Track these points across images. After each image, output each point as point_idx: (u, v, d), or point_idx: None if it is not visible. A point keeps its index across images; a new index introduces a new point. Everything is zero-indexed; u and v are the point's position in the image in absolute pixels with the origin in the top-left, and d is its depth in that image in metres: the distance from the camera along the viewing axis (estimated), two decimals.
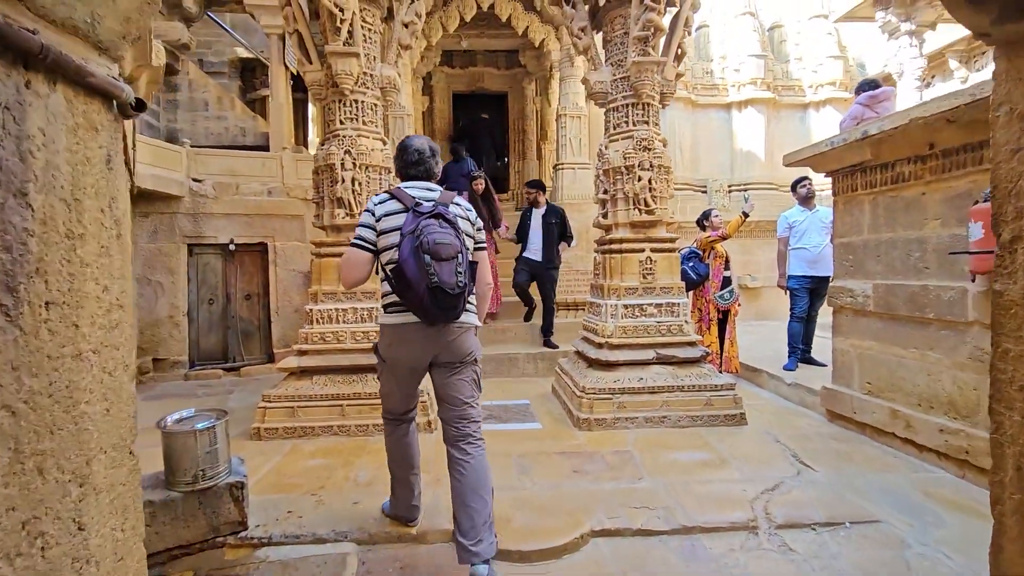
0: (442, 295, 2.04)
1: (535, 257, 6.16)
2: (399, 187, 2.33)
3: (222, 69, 9.07)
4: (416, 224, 2.08)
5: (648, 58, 4.55)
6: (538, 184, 6.39)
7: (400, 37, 4.81)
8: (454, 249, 2.09)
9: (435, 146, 2.50)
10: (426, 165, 2.40)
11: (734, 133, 10.04)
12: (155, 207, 6.00)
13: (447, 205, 2.26)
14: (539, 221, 6.18)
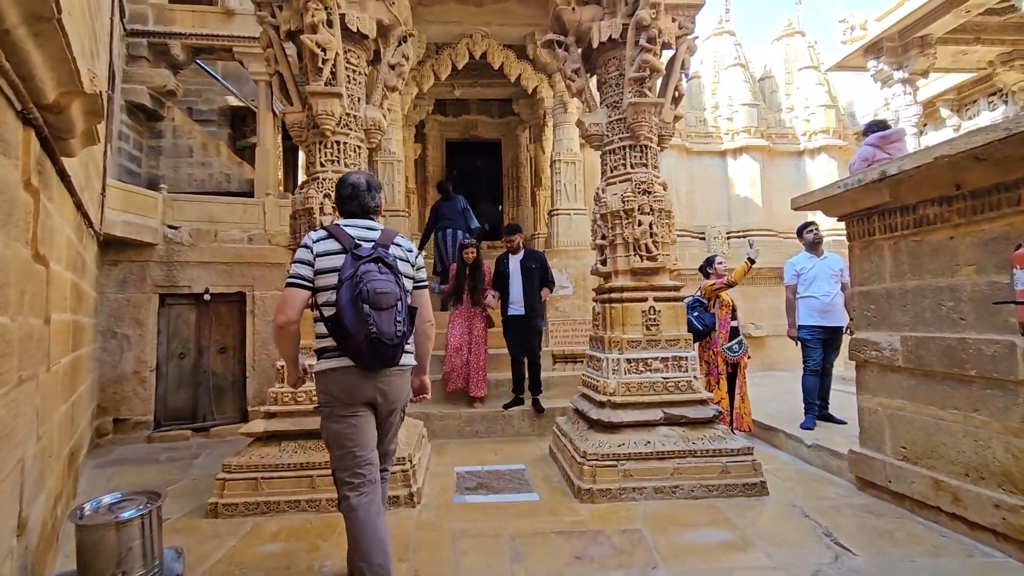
0: (380, 345, 2.03)
1: (518, 311, 5.56)
2: (337, 224, 2.27)
3: (211, 117, 8.96)
4: (355, 269, 2.05)
5: (645, 99, 4.36)
6: (514, 228, 5.88)
7: (386, 79, 4.62)
8: (394, 297, 2.07)
9: (375, 181, 2.45)
10: (360, 200, 2.34)
11: (730, 180, 9.94)
12: (125, 255, 5.65)
13: (387, 246, 2.23)
14: (517, 267, 5.62)
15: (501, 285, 5.66)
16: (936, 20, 7.35)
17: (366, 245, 2.17)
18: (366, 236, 2.25)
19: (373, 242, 2.21)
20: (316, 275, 2.16)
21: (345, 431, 2.20)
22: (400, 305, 2.09)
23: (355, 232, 2.24)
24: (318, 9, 4.03)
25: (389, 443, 2.46)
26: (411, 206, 8.89)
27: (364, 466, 2.20)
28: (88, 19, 3.62)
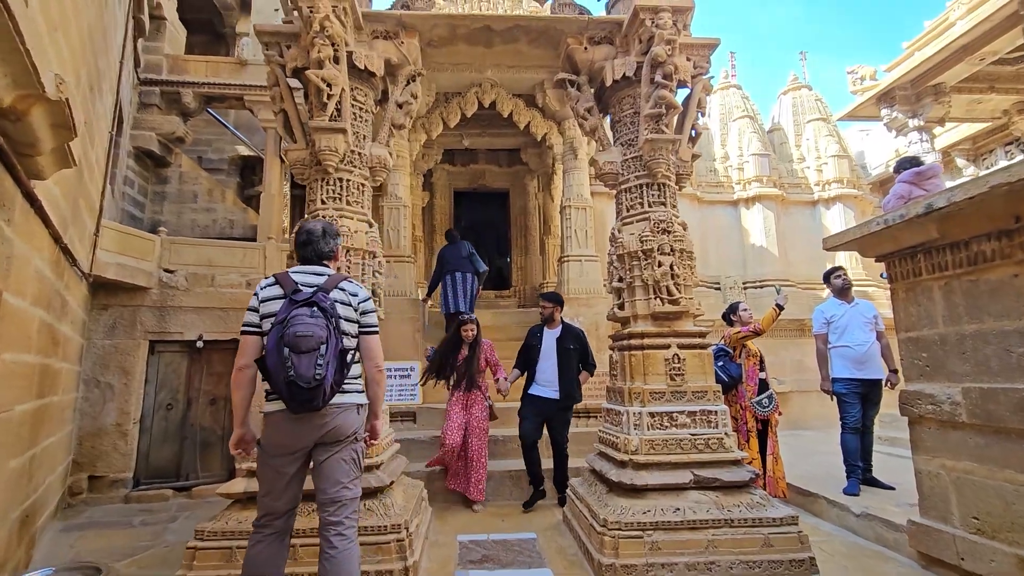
0: (297, 389, 2.01)
1: (548, 393, 4.66)
2: (286, 271, 2.32)
3: (221, 166, 8.96)
4: (287, 314, 2.08)
5: (663, 135, 4.17)
6: (556, 299, 4.94)
7: (394, 117, 4.48)
8: (316, 340, 2.05)
9: (331, 228, 2.50)
10: (314, 246, 2.39)
11: (744, 229, 9.73)
12: (117, 299, 5.40)
13: (328, 291, 2.24)
14: (553, 345, 4.74)
15: (527, 361, 4.85)
16: (948, 69, 7.30)
17: (306, 290, 2.21)
18: (310, 281, 2.28)
19: (316, 287, 2.24)
20: (262, 320, 2.22)
21: (266, 475, 2.27)
22: (325, 348, 2.07)
23: (300, 278, 2.29)
24: (325, 45, 3.93)
25: (339, 489, 2.28)
26: (417, 253, 8.69)
27: (267, 516, 2.25)
28: (86, 48, 3.52)
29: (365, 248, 4.12)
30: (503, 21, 4.56)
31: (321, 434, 2.22)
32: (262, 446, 2.30)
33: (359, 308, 2.35)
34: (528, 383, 4.81)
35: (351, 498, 2.30)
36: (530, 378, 4.81)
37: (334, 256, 2.48)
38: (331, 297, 2.23)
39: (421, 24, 4.43)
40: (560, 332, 4.83)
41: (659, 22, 4.17)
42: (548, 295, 5.01)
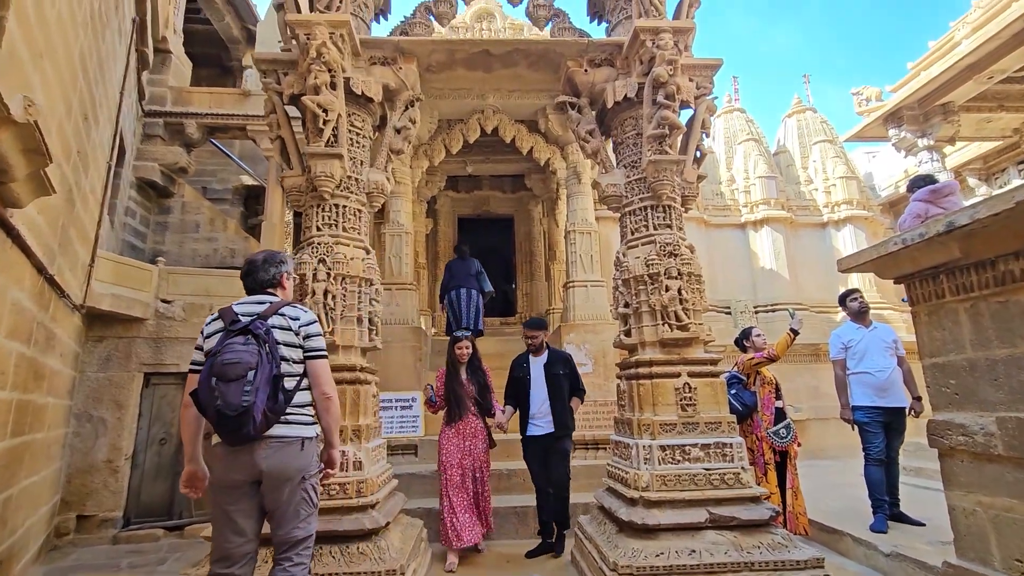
0: (223, 418, 1.94)
1: (541, 428, 4.29)
2: (230, 305, 2.27)
3: (225, 195, 8.98)
4: (220, 345, 2.04)
5: (666, 156, 4.06)
6: (541, 325, 4.61)
7: (392, 142, 4.41)
8: (244, 367, 1.98)
9: (275, 256, 2.46)
10: (254, 276, 2.36)
11: (753, 253, 9.56)
12: (112, 331, 5.29)
13: (267, 317, 2.18)
14: (541, 373, 4.38)
15: (517, 395, 4.44)
16: (956, 88, 7.21)
17: (245, 320, 2.16)
18: (250, 311, 2.24)
19: (254, 315, 2.19)
20: (206, 356, 2.13)
21: (214, 514, 2.16)
22: (254, 374, 1.99)
23: (242, 308, 2.26)
24: (321, 72, 3.89)
25: (289, 529, 2.17)
26: (420, 281, 8.59)
27: (221, 561, 2.10)
28: (79, 77, 3.47)
29: (361, 275, 4.00)
30: (502, 45, 4.52)
31: (261, 469, 2.11)
32: (211, 484, 2.23)
33: (301, 332, 2.27)
34: (523, 423, 4.37)
35: (303, 537, 2.21)
36: (523, 416, 4.37)
37: (279, 284, 2.43)
38: (268, 323, 2.18)
39: (419, 49, 4.39)
40: (547, 358, 4.46)
41: (660, 43, 4.10)
42: (532, 323, 4.63)
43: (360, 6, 4.54)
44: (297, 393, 2.21)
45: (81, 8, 3.29)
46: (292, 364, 2.23)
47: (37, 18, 2.45)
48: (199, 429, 2.25)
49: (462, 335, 4.55)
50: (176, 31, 7.56)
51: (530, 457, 4.38)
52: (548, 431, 4.24)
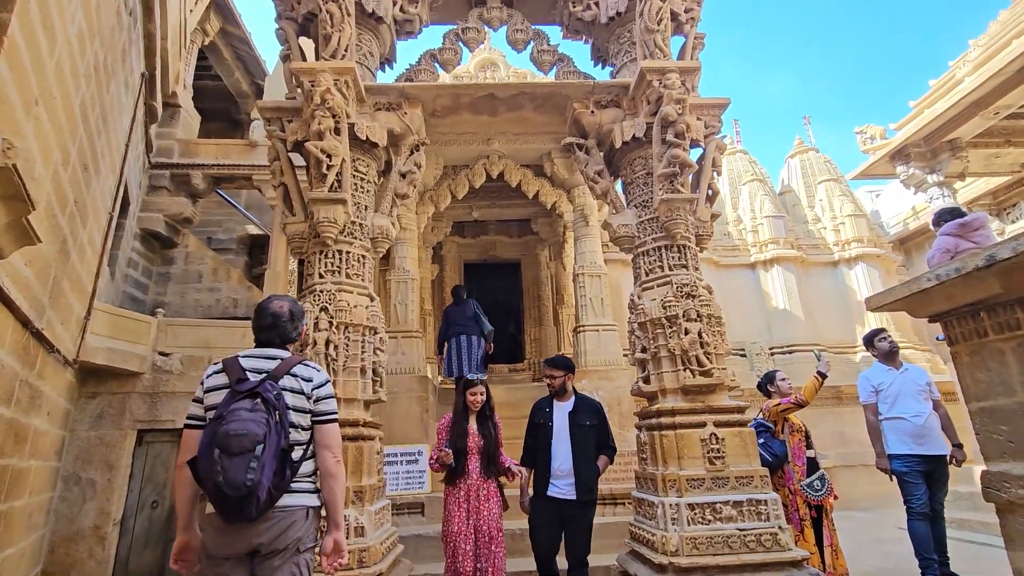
0: (224, 498, 1.73)
1: (563, 492, 3.40)
2: (236, 356, 2.05)
3: (230, 245, 8.93)
4: (225, 408, 1.84)
5: (679, 195, 3.95)
6: (566, 364, 3.73)
7: (397, 186, 4.33)
8: (251, 440, 1.78)
9: (298, 309, 2.24)
10: (281, 330, 2.14)
11: (765, 293, 9.37)
12: (106, 386, 5.09)
13: (278, 378, 1.97)
14: (565, 423, 3.53)
15: (536, 447, 3.62)
16: (962, 124, 7.17)
17: (253, 378, 1.95)
18: (260, 367, 2.02)
19: (265, 374, 1.97)
20: (206, 412, 1.95)
21: None
22: (262, 448, 1.78)
23: (250, 363, 2.03)
24: (325, 117, 3.85)
25: None
26: (427, 327, 8.39)
27: None
28: (79, 127, 3.40)
29: (365, 324, 3.82)
30: (507, 88, 4.50)
31: (258, 541, 1.90)
32: (200, 557, 2.01)
33: (313, 395, 2.06)
34: (540, 479, 3.54)
35: None
36: (540, 472, 3.55)
37: (300, 339, 2.23)
38: (280, 385, 1.97)
39: (424, 94, 4.37)
40: (573, 405, 3.62)
41: (667, 82, 4.06)
42: (555, 361, 3.77)
43: (365, 55, 4.56)
44: (303, 463, 2.01)
45: (84, 59, 3.28)
46: (300, 432, 2.02)
47: (33, 65, 2.40)
48: (195, 494, 2.01)
49: (475, 378, 3.83)
50: (186, 86, 7.71)
51: (540, 522, 3.49)
52: (570, 496, 3.38)
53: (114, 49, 4.11)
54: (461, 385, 3.85)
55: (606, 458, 3.54)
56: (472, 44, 4.85)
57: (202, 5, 7.44)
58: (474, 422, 3.69)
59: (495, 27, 4.86)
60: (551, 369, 3.71)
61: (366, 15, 4.46)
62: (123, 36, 4.33)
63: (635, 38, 4.50)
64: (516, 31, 4.79)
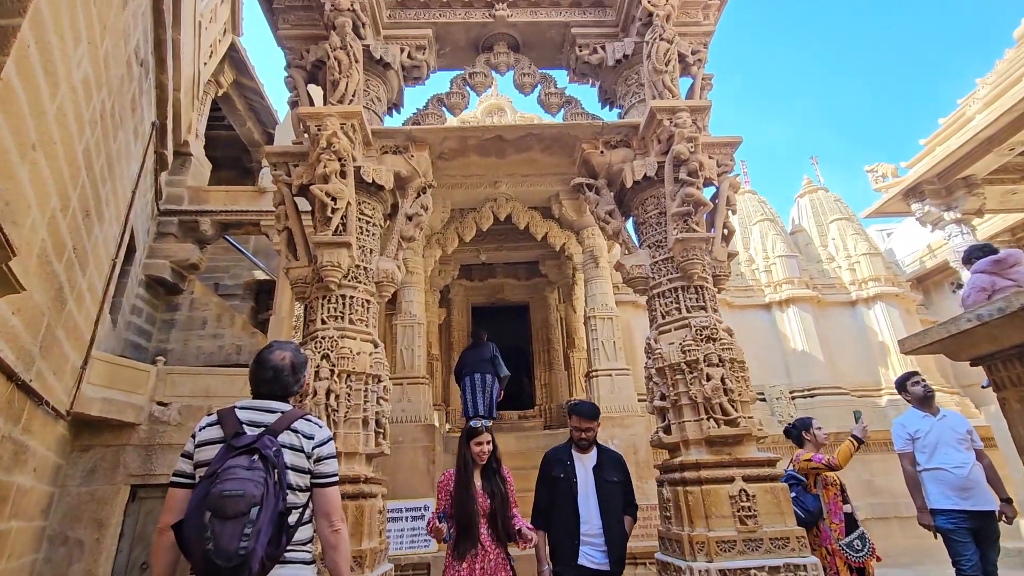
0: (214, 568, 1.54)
1: (596, 561, 2.95)
2: (232, 407, 1.88)
3: (236, 291, 8.87)
4: (219, 465, 1.67)
5: (694, 234, 3.81)
6: (590, 411, 3.23)
7: (403, 229, 4.23)
8: (248, 502, 1.61)
9: (301, 358, 2.05)
10: (283, 383, 1.96)
11: (781, 334, 9.09)
12: (100, 438, 4.89)
13: (277, 433, 1.80)
14: (589, 479, 3.09)
15: (554, 506, 3.09)
16: (976, 161, 7.10)
17: (251, 432, 1.78)
18: (258, 420, 1.85)
19: (263, 427, 1.80)
20: (196, 469, 1.78)
21: None
22: (257, 512, 1.61)
23: (247, 415, 1.86)
24: (331, 160, 3.79)
25: None
26: (434, 373, 8.17)
27: None
28: (81, 174, 3.33)
29: (368, 372, 3.64)
30: (515, 131, 4.46)
31: None
32: None
33: (314, 454, 1.88)
34: (559, 545, 3.01)
35: None
36: (563, 536, 3.02)
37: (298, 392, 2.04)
38: (279, 441, 1.79)
39: (431, 137, 4.33)
40: (596, 458, 3.18)
41: (677, 121, 4.00)
42: (585, 409, 3.24)
43: (373, 100, 4.56)
44: (299, 528, 1.82)
45: (89, 106, 3.27)
46: (298, 494, 1.84)
47: (32, 110, 2.35)
48: (175, 561, 1.81)
49: (480, 425, 3.21)
50: (198, 135, 7.82)
51: None
52: (603, 566, 2.92)
53: (123, 98, 4.13)
54: (463, 434, 3.20)
55: (631, 519, 3.17)
56: (479, 88, 4.85)
57: (216, 58, 7.64)
58: (479, 477, 3.08)
59: (502, 72, 4.88)
60: (585, 420, 3.17)
61: (374, 61, 4.48)
62: (133, 86, 4.37)
63: (643, 80, 4.48)
64: (523, 75, 4.80)
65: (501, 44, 4.85)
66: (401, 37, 4.66)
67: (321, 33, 4.43)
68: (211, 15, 6.91)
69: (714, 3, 4.88)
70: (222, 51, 7.83)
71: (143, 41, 4.46)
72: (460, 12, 4.74)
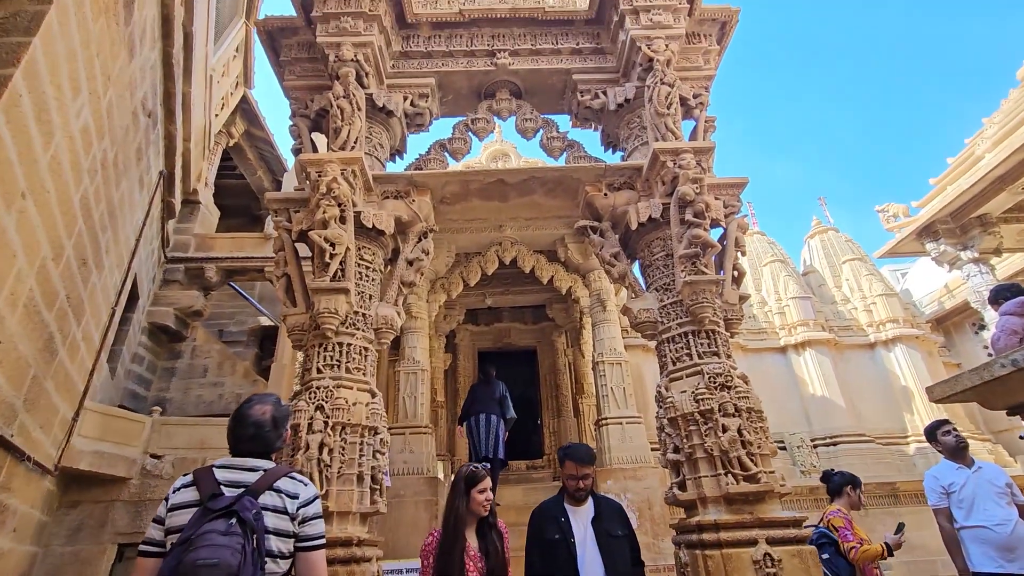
0: None
1: None
2: (211, 466, 1.77)
3: (240, 338, 8.80)
4: (194, 530, 1.56)
5: (703, 276, 3.67)
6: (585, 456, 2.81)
7: (403, 274, 4.14)
8: (224, 571, 1.49)
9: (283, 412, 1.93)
10: (264, 439, 1.84)
11: (799, 378, 8.77)
12: (89, 494, 4.71)
13: (258, 493, 1.68)
14: (590, 536, 2.69)
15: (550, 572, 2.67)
16: (990, 200, 6.98)
17: (229, 493, 1.66)
18: (238, 480, 1.73)
19: (243, 488, 1.68)
20: (167, 536, 1.66)
21: None
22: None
23: (227, 475, 1.74)
24: (331, 206, 3.75)
25: None
26: (439, 421, 7.94)
27: None
28: (78, 222, 3.30)
29: (364, 423, 3.47)
30: (517, 174, 4.42)
31: None
32: None
33: (299, 515, 1.74)
34: None
35: None
36: None
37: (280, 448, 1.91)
38: (260, 502, 1.67)
39: (432, 181, 4.30)
40: (594, 510, 2.76)
41: (681, 162, 3.94)
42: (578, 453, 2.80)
43: (375, 147, 4.57)
44: None
45: (89, 155, 3.27)
46: (279, 562, 1.70)
47: (21, 158, 2.33)
48: None
49: (480, 470, 2.69)
50: (208, 184, 7.94)
51: None
52: None
53: (128, 147, 4.17)
54: (460, 480, 2.66)
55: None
56: (481, 134, 4.87)
57: (228, 109, 7.83)
58: (473, 535, 2.59)
59: (504, 117, 4.90)
60: (582, 466, 2.73)
61: (377, 109, 4.52)
62: (139, 136, 4.42)
63: (645, 123, 4.46)
64: (525, 120, 4.81)
65: (503, 91, 4.89)
66: (404, 85, 4.71)
67: (325, 83, 4.49)
68: (223, 69, 7.11)
69: (714, 49, 4.92)
70: (234, 103, 8.04)
71: (151, 93, 4.55)
72: (462, 61, 4.80)
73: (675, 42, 4.43)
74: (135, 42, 3.71)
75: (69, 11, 2.47)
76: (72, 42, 2.56)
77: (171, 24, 4.37)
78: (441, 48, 4.81)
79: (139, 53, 3.85)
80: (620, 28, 4.57)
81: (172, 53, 4.61)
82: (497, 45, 4.77)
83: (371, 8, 4.39)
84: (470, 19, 4.73)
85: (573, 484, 2.74)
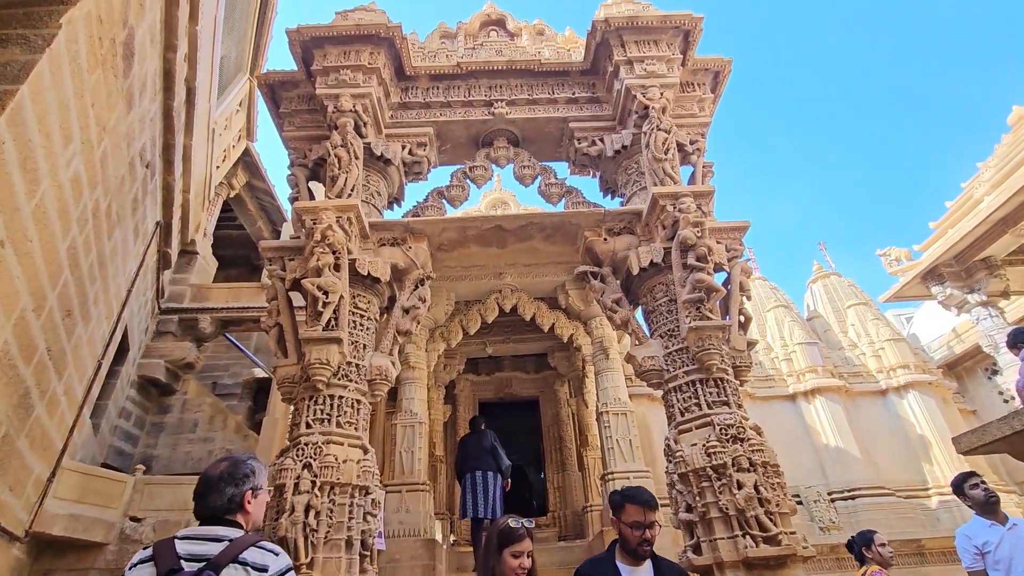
0: None
1: None
2: (173, 537, 1.59)
3: (235, 390, 8.57)
4: None
5: (709, 322, 3.55)
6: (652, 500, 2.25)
7: (399, 323, 4.02)
8: None
9: (241, 466, 1.74)
10: (206, 500, 1.67)
11: (811, 428, 8.47)
12: (63, 561, 4.41)
13: (221, 567, 1.51)
14: None
15: None
16: (993, 242, 6.93)
17: (189, 568, 1.49)
18: (200, 552, 1.56)
19: (205, 561, 1.50)
20: None
21: None
22: None
23: (190, 547, 1.57)
24: (324, 253, 3.67)
25: None
26: (437, 476, 7.61)
27: None
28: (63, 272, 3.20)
29: (355, 483, 3.26)
30: (515, 220, 4.38)
31: None
32: None
33: None
34: None
35: None
36: None
37: (241, 509, 1.70)
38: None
39: (429, 228, 4.25)
40: (652, 571, 2.24)
41: (681, 207, 3.89)
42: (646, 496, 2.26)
43: (373, 194, 4.55)
44: None
45: (79, 204, 3.22)
46: None
47: (2, 206, 2.26)
48: None
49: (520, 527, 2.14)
50: (207, 234, 7.93)
51: None
52: None
53: (123, 197, 4.14)
54: (494, 539, 2.13)
55: None
56: (480, 181, 4.86)
57: (230, 162, 7.92)
58: None
59: (502, 165, 4.91)
60: (650, 511, 2.19)
61: (375, 158, 4.52)
62: (136, 186, 4.41)
63: (643, 168, 4.45)
64: (523, 167, 4.81)
65: (501, 139, 4.92)
66: (403, 135, 4.74)
67: (324, 134, 4.52)
68: (226, 122, 7.23)
69: (708, 97, 4.98)
70: (236, 155, 8.14)
71: (150, 144, 4.57)
72: (460, 111, 4.85)
73: (670, 90, 4.48)
74: (134, 94, 3.74)
75: (63, 62, 2.47)
76: (65, 92, 2.55)
77: (172, 78, 4.43)
78: (439, 99, 4.87)
79: (138, 105, 3.88)
80: (615, 78, 4.63)
81: (173, 106, 4.66)
82: (494, 95, 4.83)
83: (370, 61, 4.47)
84: (468, 71, 4.82)
85: (638, 535, 2.16)
